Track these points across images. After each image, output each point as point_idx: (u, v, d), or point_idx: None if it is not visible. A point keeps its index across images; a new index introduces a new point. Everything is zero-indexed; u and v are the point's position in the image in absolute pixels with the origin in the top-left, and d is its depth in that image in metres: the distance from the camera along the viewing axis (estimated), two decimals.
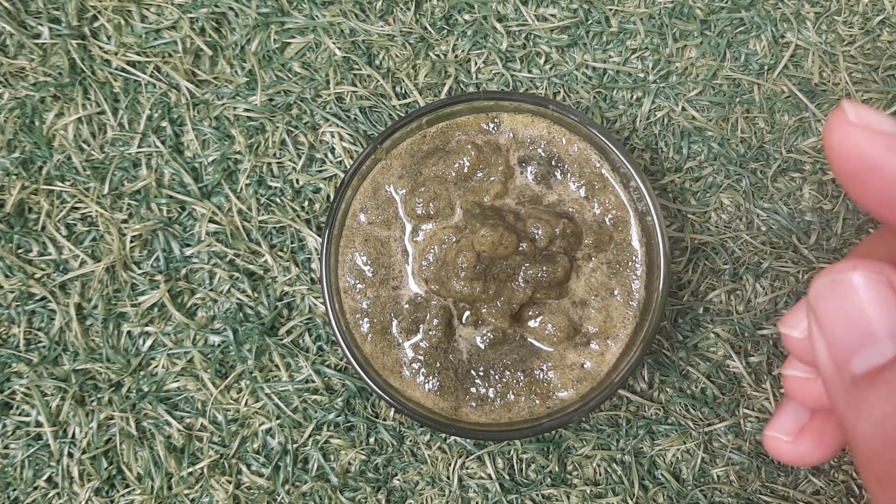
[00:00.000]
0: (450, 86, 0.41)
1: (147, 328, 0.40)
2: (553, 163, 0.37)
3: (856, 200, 0.19)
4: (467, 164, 0.36)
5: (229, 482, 0.39)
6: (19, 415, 0.40)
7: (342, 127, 0.41)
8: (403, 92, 0.41)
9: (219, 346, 0.40)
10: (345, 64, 0.41)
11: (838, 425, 0.23)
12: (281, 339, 0.40)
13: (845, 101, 0.18)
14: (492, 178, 0.36)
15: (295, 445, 0.39)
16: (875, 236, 0.22)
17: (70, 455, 0.39)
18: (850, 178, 0.18)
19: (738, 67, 0.42)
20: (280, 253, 0.40)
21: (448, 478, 0.40)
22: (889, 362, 0.17)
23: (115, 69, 0.41)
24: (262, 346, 0.40)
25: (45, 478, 0.39)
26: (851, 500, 0.40)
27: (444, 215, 0.37)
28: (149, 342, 0.40)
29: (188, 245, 0.40)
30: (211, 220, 0.40)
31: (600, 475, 0.40)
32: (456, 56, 0.41)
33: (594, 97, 0.41)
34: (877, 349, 0.17)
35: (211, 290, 0.40)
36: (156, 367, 0.40)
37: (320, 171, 0.41)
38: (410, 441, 0.40)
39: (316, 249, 0.40)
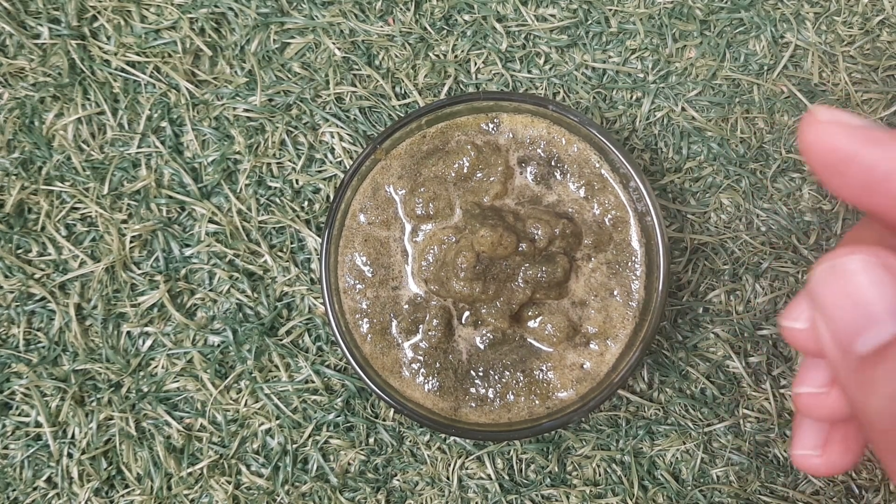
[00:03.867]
0: (449, 86, 0.41)
1: (147, 328, 0.40)
2: (553, 163, 0.37)
3: (837, 193, 0.20)
4: (467, 164, 0.36)
5: (229, 482, 0.39)
6: (19, 415, 0.40)
7: (342, 127, 0.41)
8: (403, 92, 0.41)
9: (218, 346, 0.40)
10: (344, 64, 0.41)
11: (857, 426, 0.24)
12: (280, 340, 0.40)
13: (815, 105, 0.19)
14: (491, 179, 0.36)
15: (294, 446, 0.39)
16: (861, 224, 0.23)
17: (70, 455, 0.39)
18: (828, 171, 0.19)
19: (737, 68, 0.42)
20: (280, 253, 0.40)
21: (448, 478, 0.40)
22: (892, 340, 0.17)
23: (115, 69, 0.41)
24: (261, 347, 0.40)
25: (44, 478, 0.39)
26: (851, 500, 0.40)
27: (443, 215, 0.37)
28: (148, 342, 0.40)
29: (188, 245, 0.40)
30: (210, 221, 0.40)
31: (600, 475, 0.40)
32: (456, 56, 0.41)
33: (594, 97, 0.41)
34: (879, 329, 0.18)
35: (210, 290, 0.40)
36: (155, 367, 0.40)
37: (320, 172, 0.41)
38: (410, 441, 0.40)
39: (315, 250, 0.40)
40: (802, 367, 0.24)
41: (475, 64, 0.41)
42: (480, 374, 0.36)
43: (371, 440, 0.40)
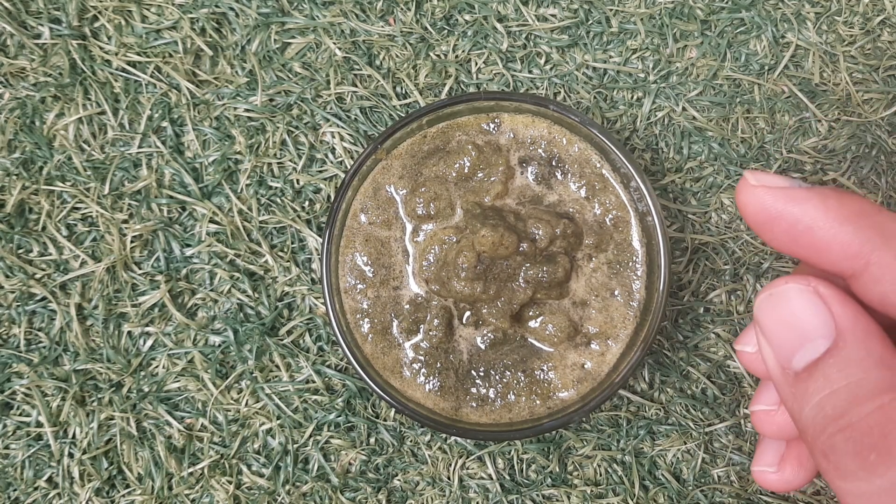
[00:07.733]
0: (450, 86, 0.41)
1: (147, 328, 0.40)
2: (553, 163, 0.37)
3: (771, 245, 0.22)
4: (468, 164, 0.36)
5: (230, 482, 0.39)
6: (20, 415, 0.40)
7: (343, 127, 0.41)
8: (404, 92, 0.41)
9: (219, 346, 0.40)
10: (345, 64, 0.41)
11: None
12: (281, 340, 0.40)
13: (746, 171, 0.22)
14: (492, 179, 0.36)
15: (295, 446, 0.39)
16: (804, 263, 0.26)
17: (70, 455, 0.39)
18: (762, 228, 0.22)
19: (738, 67, 0.42)
20: (280, 253, 0.40)
21: (448, 478, 0.40)
22: (822, 356, 0.20)
23: (116, 69, 0.41)
24: (262, 347, 0.40)
25: (45, 478, 0.39)
26: None
27: (444, 215, 0.37)
28: (149, 342, 0.40)
29: (188, 245, 0.40)
30: (211, 221, 0.40)
31: (601, 475, 0.40)
32: (456, 56, 0.41)
33: (594, 97, 0.41)
34: (811, 346, 0.20)
35: (211, 290, 0.40)
36: (156, 367, 0.40)
37: (321, 172, 0.41)
38: (411, 441, 0.40)
39: (316, 249, 0.40)
40: (758, 389, 0.27)
41: (476, 64, 0.41)
42: (481, 374, 0.36)
43: (372, 440, 0.40)
